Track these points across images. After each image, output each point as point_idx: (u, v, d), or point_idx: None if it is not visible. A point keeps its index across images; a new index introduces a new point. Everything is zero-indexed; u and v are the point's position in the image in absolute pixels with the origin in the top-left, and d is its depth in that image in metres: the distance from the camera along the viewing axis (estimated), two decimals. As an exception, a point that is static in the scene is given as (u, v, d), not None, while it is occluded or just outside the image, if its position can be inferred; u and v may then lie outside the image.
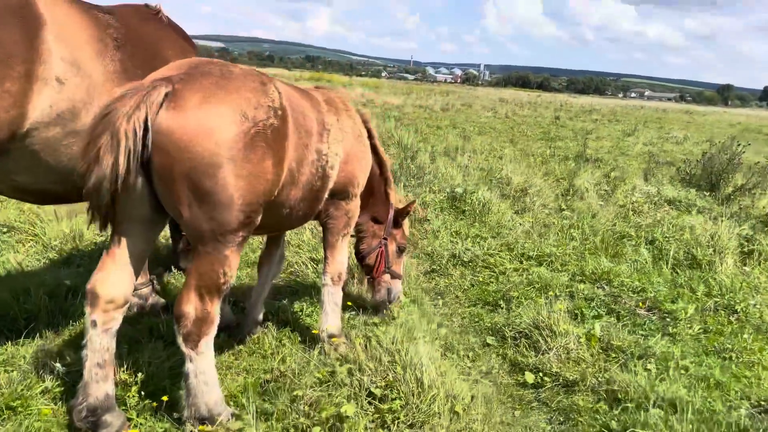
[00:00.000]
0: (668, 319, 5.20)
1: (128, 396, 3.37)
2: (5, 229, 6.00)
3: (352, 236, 4.61)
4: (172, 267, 5.43)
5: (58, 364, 3.51)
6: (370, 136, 4.43)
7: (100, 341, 3.04)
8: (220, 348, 4.14)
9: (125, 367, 3.57)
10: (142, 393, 3.39)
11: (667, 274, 6.36)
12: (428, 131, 20.07)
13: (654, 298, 5.60)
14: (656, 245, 7.21)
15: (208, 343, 3.12)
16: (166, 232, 5.58)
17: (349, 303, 4.93)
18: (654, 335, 4.78)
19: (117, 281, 3.03)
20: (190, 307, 3.03)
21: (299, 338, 4.39)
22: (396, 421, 3.32)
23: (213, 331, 3.12)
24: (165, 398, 3.32)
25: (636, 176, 12.10)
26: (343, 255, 4.25)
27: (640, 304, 5.43)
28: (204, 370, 3.13)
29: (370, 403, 3.43)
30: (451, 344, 4.63)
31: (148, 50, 3.97)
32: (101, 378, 3.07)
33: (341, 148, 3.90)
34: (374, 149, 4.51)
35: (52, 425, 3.17)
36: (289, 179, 3.35)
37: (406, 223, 5.03)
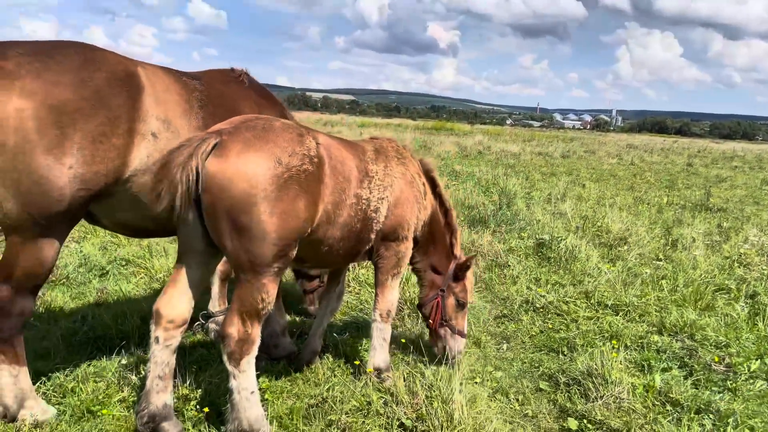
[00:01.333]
0: (742, 376, 4.86)
1: (187, 408, 3.83)
2: (124, 263, 6.93)
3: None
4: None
5: (134, 377, 4.07)
6: (434, 185, 4.70)
7: (161, 356, 3.54)
8: (278, 374, 4.53)
9: (188, 383, 4.05)
10: (200, 407, 3.83)
11: (762, 331, 5.91)
12: (540, 178, 19.84)
13: (737, 354, 5.25)
14: (757, 300, 6.71)
15: (249, 362, 3.50)
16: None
17: (403, 341, 5.13)
18: (720, 391, 4.51)
19: (177, 304, 3.53)
20: (233, 329, 3.44)
21: (351, 370, 4.68)
22: (418, 452, 3.47)
23: (254, 351, 3.51)
24: (206, 409, 3.73)
25: (755, 226, 11.21)
26: (392, 294, 4.52)
27: (716, 358, 5.12)
28: (246, 386, 3.51)
29: (398, 432, 3.61)
30: (503, 387, 4.68)
31: (227, 108, 4.58)
32: (161, 389, 3.55)
33: (389, 193, 4.23)
34: (439, 197, 4.76)
35: (122, 429, 3.69)
36: (325, 219, 3.72)
37: (470, 278, 4.95)
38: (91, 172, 3.55)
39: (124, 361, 4.44)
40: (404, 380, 4.21)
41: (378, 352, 4.49)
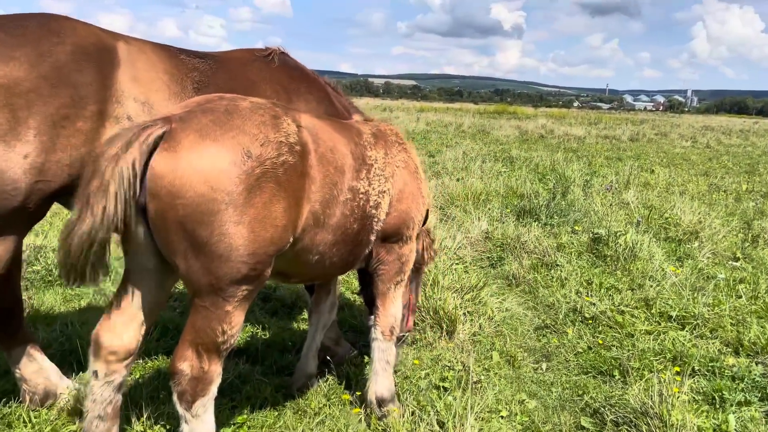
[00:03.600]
0: None
1: None
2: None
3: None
4: None
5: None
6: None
7: (102, 393, 2.90)
8: (263, 402, 3.86)
9: (145, 416, 3.43)
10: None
11: None
12: (605, 163, 18.45)
13: (837, 385, 4.20)
14: None
15: (205, 404, 2.83)
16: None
17: (416, 362, 4.38)
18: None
19: (122, 333, 2.88)
20: (185, 364, 2.77)
21: (350, 398, 3.96)
22: None
23: (211, 392, 2.83)
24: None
25: None
26: (396, 306, 3.76)
27: (809, 392, 4.09)
28: (199, 435, 2.84)
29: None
30: (535, 424, 3.85)
31: (238, 92, 3.93)
32: (102, 431, 2.94)
33: (391, 185, 3.47)
34: None
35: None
36: (313, 222, 3.00)
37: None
38: (52, 162, 3.07)
39: (81, 382, 3.87)
40: (410, 418, 3.46)
41: (380, 378, 3.74)
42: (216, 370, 2.82)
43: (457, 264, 6.80)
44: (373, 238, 3.47)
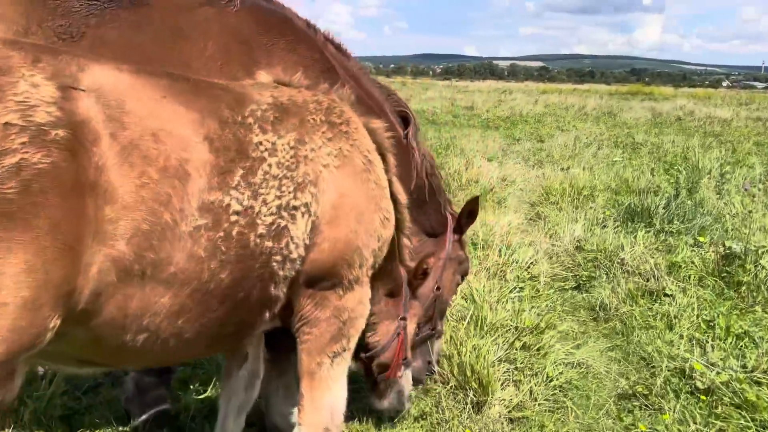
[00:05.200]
0: None
1: None
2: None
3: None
4: None
5: None
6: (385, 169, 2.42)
7: None
8: None
9: None
10: None
11: None
12: (753, 150, 15.35)
13: None
14: None
15: None
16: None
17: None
18: None
19: None
20: None
21: None
22: None
23: None
24: None
25: None
26: (334, 394, 2.29)
27: None
28: None
29: None
30: None
31: (145, 47, 2.67)
32: None
33: (311, 196, 2.01)
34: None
35: None
36: (117, 276, 1.65)
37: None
38: None
39: None
40: None
41: None
42: None
43: (522, 286, 5.14)
44: (277, 290, 2.04)
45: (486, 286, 4.88)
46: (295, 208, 1.97)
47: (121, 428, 3.14)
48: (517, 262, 5.67)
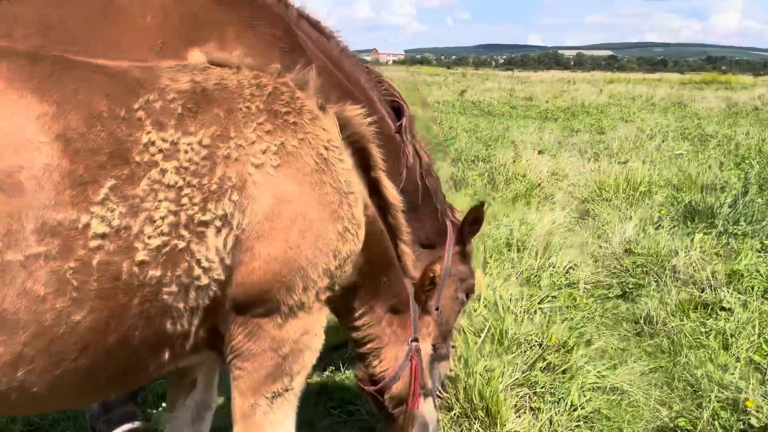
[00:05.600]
0: None
1: None
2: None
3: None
4: None
5: None
6: (366, 166, 2.01)
7: None
8: None
9: None
10: None
11: None
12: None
13: None
14: None
15: None
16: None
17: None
18: None
19: None
20: None
21: None
22: None
23: None
24: None
25: None
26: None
27: None
28: None
29: None
30: None
31: (68, 26, 2.38)
32: None
33: (233, 206, 1.63)
34: (374, 186, 2.15)
35: None
36: None
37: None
38: None
39: None
40: None
41: None
42: None
43: (556, 294, 4.63)
44: (181, 325, 1.65)
45: (514, 294, 4.40)
46: (204, 223, 1.58)
47: (88, 446, 2.90)
48: (554, 266, 5.15)
